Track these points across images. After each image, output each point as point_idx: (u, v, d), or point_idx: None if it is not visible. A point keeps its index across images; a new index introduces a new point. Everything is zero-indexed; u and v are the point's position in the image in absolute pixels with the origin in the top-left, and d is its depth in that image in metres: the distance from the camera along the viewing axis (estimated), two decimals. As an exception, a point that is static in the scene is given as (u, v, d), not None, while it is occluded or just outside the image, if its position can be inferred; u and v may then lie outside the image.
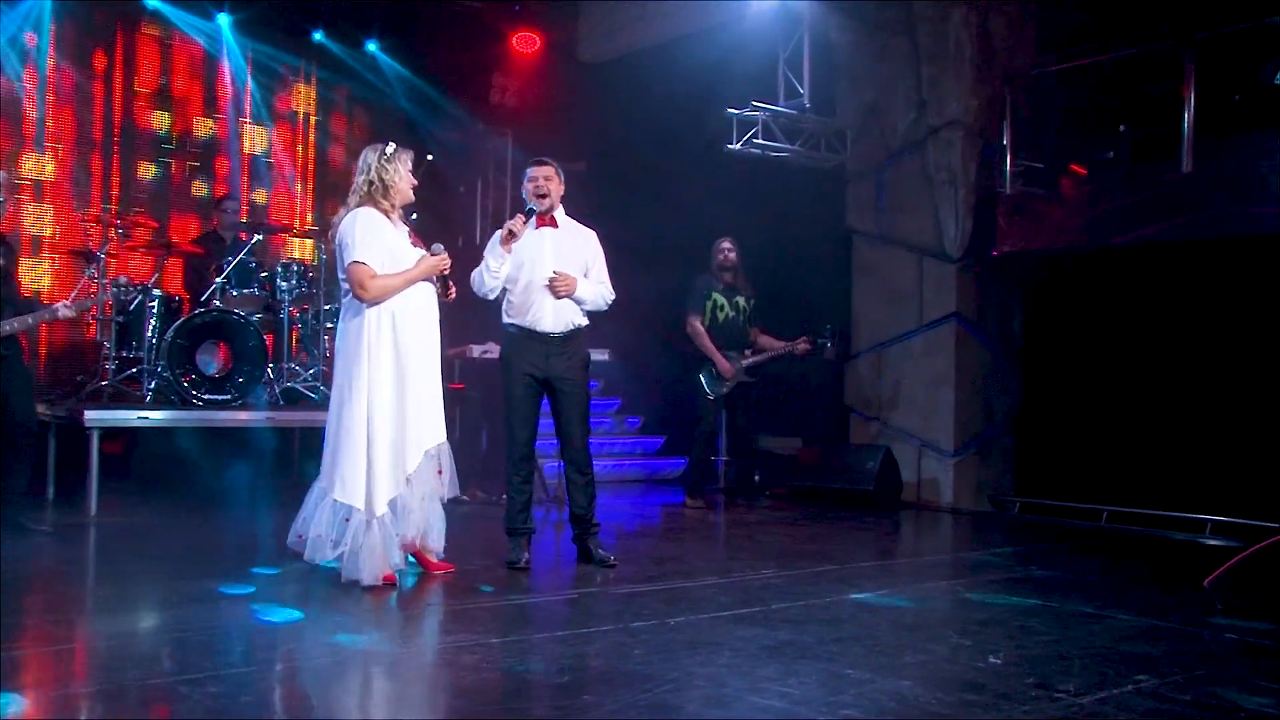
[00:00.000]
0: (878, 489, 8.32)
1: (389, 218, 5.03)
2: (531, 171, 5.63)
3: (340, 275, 5.04)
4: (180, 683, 3.39)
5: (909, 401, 8.91)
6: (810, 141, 9.07)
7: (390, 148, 5.09)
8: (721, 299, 8.26)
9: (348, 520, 4.83)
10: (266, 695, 3.39)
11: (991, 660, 3.90)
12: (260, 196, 10.04)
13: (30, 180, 8.81)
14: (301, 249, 9.57)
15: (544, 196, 5.57)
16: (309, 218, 10.14)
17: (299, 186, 10.32)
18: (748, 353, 8.35)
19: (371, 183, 5.01)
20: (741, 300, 8.33)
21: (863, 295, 9.33)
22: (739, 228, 8.71)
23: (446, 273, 5.10)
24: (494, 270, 5.48)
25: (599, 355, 8.88)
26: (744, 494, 8.73)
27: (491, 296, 5.60)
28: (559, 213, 5.68)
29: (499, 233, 5.57)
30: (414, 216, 8.94)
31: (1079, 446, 8.30)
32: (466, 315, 7.12)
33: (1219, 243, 7.42)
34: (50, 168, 8.93)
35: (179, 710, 3.19)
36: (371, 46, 9.94)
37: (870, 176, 9.25)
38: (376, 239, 4.91)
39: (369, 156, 5.08)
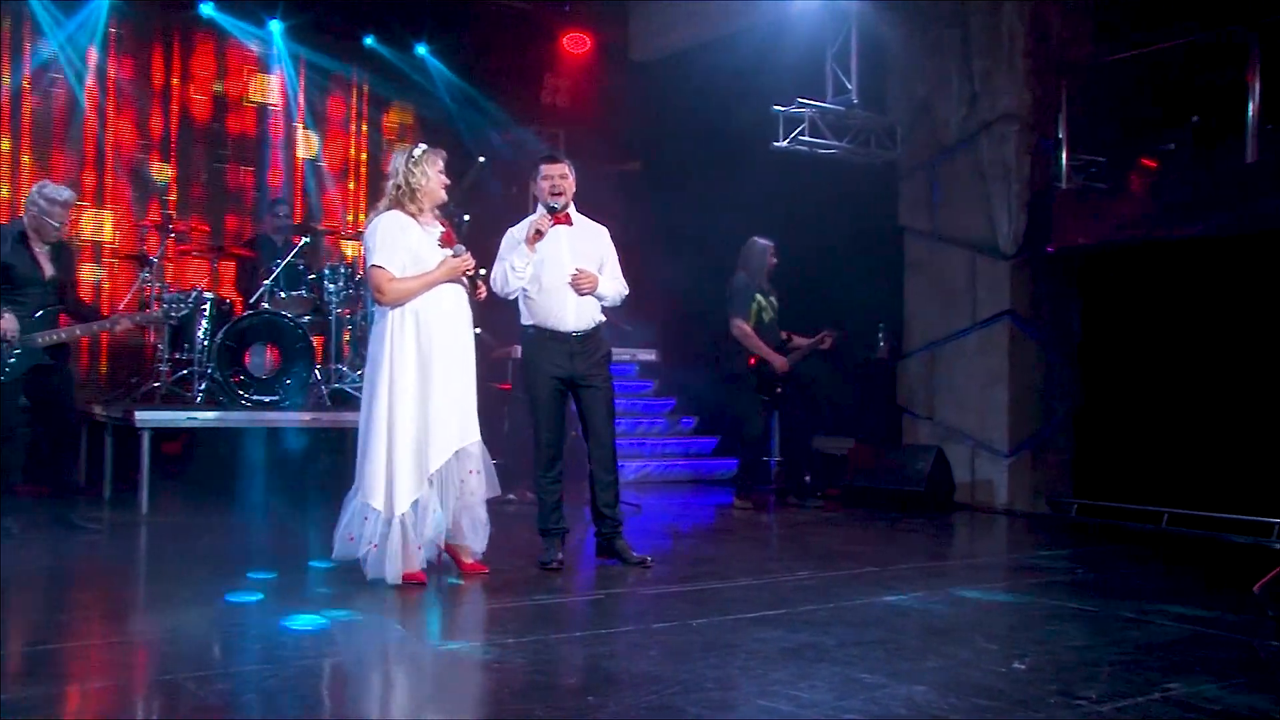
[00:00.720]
0: (929, 490, 8.16)
1: (417, 220, 5.04)
2: (545, 169, 5.56)
3: None
4: (189, 679, 3.42)
5: (962, 401, 8.74)
6: (860, 138, 8.95)
7: (418, 150, 5.11)
8: (763, 300, 8.18)
9: (366, 519, 4.86)
10: (273, 694, 3.39)
11: (1015, 665, 3.78)
12: (311, 200, 10.17)
13: (91, 186, 9.03)
14: (354, 251, 9.66)
15: (559, 194, 5.51)
16: (361, 220, 10.23)
17: (351, 189, 10.44)
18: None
19: (399, 186, 5.04)
20: (775, 300, 8.26)
21: (915, 293, 9.18)
22: (789, 225, 8.62)
23: (470, 273, 5.09)
24: (519, 270, 5.45)
25: (646, 355, 8.92)
26: (795, 494, 8.62)
27: (513, 296, 5.59)
28: (571, 210, 5.63)
29: (512, 231, 5.55)
30: (466, 218, 9.03)
31: (1140, 446, 8.04)
32: (510, 315, 7.12)
33: (1286, 234, 7.16)
34: (108, 174, 9.13)
35: (183, 708, 3.22)
36: (421, 50, 10.01)
37: (922, 172, 9.10)
38: (398, 242, 4.94)
39: (397, 160, 5.11)
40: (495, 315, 7.24)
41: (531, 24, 10.17)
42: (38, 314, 6.03)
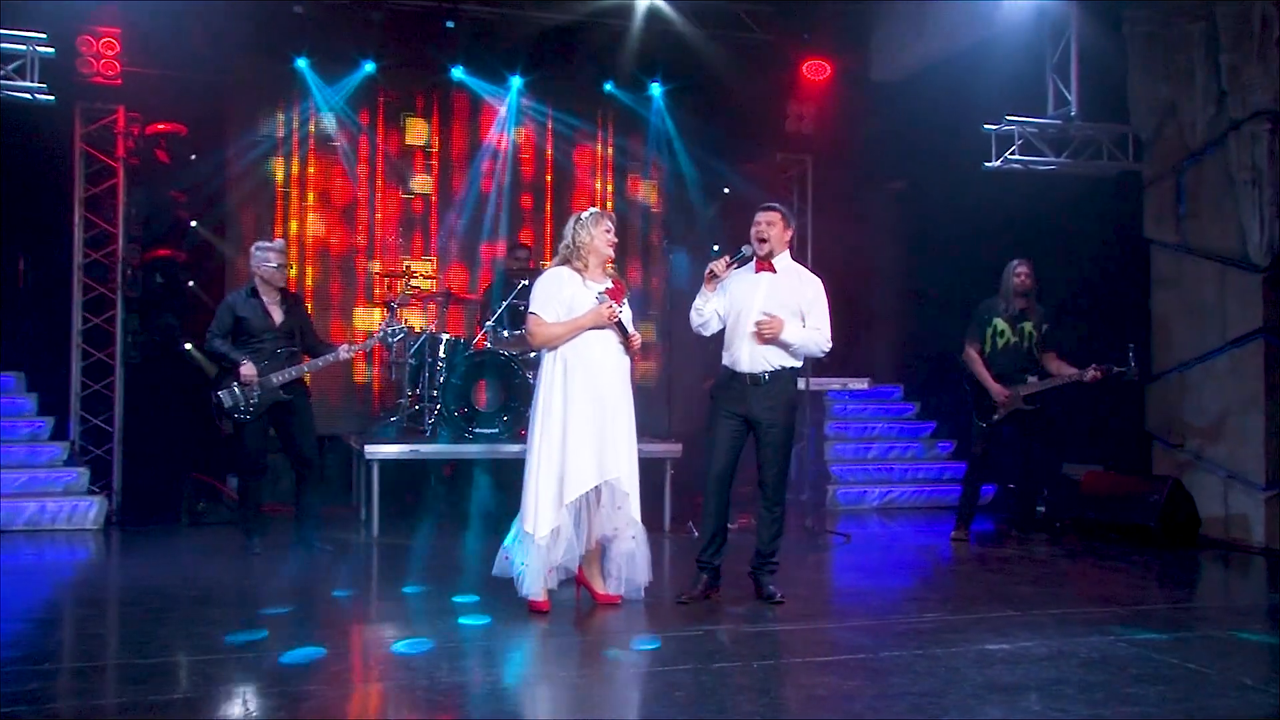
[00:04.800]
0: (1162, 525, 7.53)
1: (582, 275, 5.51)
2: (757, 216, 5.79)
3: None
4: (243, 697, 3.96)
5: (1213, 428, 8.00)
6: (1088, 149, 8.42)
7: (586, 214, 5.63)
8: (1003, 324, 7.82)
9: (521, 542, 5.38)
10: (319, 703, 3.84)
11: (1035, 729, 3.60)
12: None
13: (362, 239, 10.20)
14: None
15: (764, 241, 5.71)
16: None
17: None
18: (1033, 380, 7.82)
19: (567, 245, 5.59)
20: (1028, 326, 7.82)
21: (1162, 311, 8.49)
22: (1029, 242, 8.23)
23: (614, 322, 5.41)
24: (697, 308, 5.74)
25: (857, 385, 8.80)
26: (1019, 526, 8.22)
27: (704, 333, 5.83)
28: (781, 258, 5.78)
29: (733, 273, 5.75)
30: (715, 248, 9.23)
31: None
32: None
33: None
34: (376, 229, 10.24)
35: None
36: (659, 89, 10.34)
37: (1168, 181, 8.42)
38: (554, 293, 5.47)
39: (569, 223, 5.64)
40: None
41: (770, 54, 10.24)
42: (273, 356, 6.96)
